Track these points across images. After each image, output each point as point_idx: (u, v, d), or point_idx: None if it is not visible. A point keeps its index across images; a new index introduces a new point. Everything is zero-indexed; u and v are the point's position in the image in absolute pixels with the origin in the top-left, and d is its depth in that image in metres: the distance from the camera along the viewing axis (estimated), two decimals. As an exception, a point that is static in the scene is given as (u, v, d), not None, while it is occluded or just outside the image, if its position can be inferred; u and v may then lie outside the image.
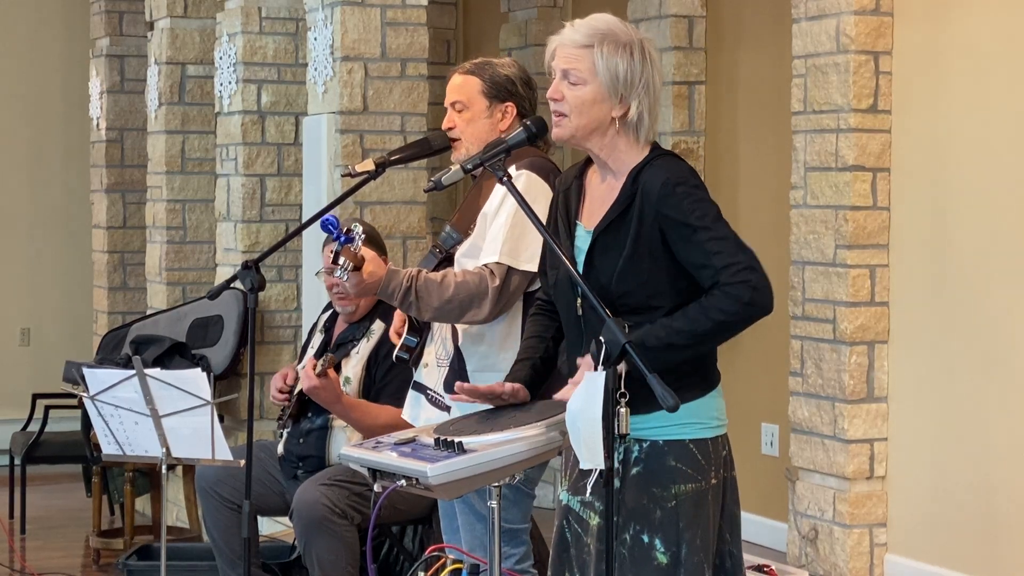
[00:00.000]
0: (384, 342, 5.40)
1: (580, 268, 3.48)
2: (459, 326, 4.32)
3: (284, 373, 5.59)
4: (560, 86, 3.48)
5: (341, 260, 3.94)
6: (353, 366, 5.48)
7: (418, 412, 4.47)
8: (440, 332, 4.41)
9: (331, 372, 5.22)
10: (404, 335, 4.47)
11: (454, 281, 4.17)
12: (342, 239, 3.93)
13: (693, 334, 3.35)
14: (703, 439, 3.46)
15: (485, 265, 4.21)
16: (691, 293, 3.43)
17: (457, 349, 4.33)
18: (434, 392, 4.41)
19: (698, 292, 3.43)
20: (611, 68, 3.43)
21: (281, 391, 5.53)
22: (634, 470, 3.44)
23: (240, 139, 7.55)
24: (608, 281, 3.43)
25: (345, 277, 3.99)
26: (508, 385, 3.60)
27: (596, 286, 3.41)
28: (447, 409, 4.32)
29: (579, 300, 3.48)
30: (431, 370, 4.44)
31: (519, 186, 4.00)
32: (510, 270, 4.19)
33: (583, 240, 3.52)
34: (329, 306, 5.79)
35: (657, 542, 3.42)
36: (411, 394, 4.53)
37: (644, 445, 3.44)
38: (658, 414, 3.36)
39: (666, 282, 3.42)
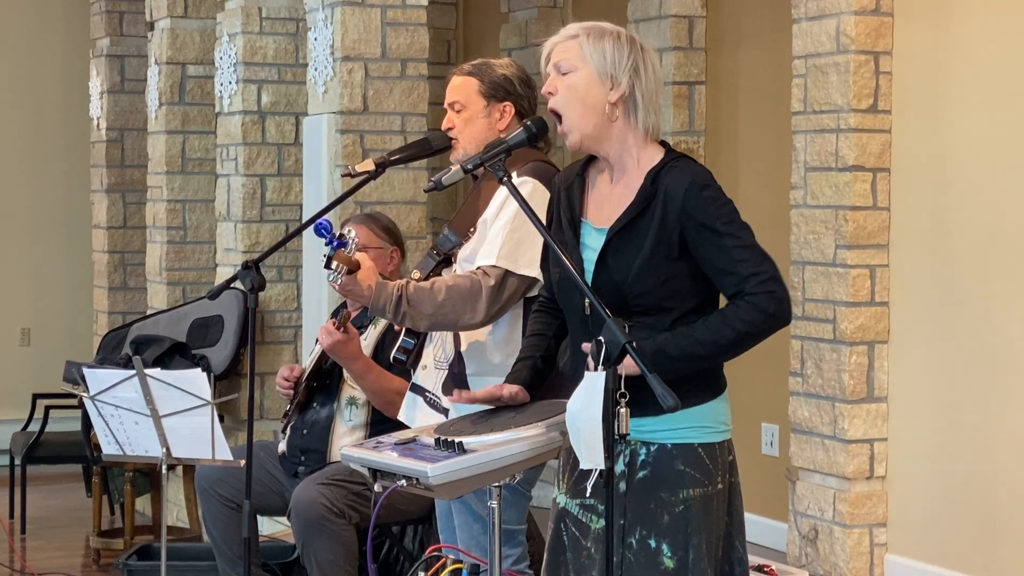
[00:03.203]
0: (391, 327, 5.42)
1: (591, 267, 3.49)
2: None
3: (292, 366, 5.61)
4: (554, 80, 3.53)
5: (334, 264, 3.93)
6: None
7: (415, 414, 4.45)
8: (440, 334, 4.38)
9: (350, 327, 5.24)
10: (401, 337, 4.46)
11: (444, 286, 4.11)
12: (335, 243, 3.92)
13: (716, 344, 3.36)
14: (711, 443, 3.47)
15: (479, 268, 4.17)
16: (705, 297, 3.45)
17: (458, 353, 4.31)
18: (432, 394, 4.39)
19: (712, 296, 3.45)
20: (598, 50, 3.49)
21: (287, 379, 5.54)
22: (641, 474, 3.44)
23: (240, 139, 7.55)
24: (624, 280, 3.43)
25: (338, 281, 3.97)
26: (507, 389, 3.59)
27: (610, 285, 3.42)
28: (445, 412, 4.30)
29: (586, 300, 3.48)
30: (429, 372, 4.42)
31: (524, 193, 4.00)
32: (507, 273, 4.14)
33: (594, 239, 3.51)
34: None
35: (664, 547, 3.41)
36: (408, 395, 4.52)
37: (652, 448, 3.44)
38: (667, 416, 3.36)
39: (683, 285, 3.43)
